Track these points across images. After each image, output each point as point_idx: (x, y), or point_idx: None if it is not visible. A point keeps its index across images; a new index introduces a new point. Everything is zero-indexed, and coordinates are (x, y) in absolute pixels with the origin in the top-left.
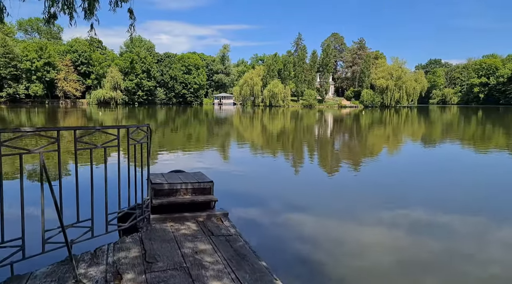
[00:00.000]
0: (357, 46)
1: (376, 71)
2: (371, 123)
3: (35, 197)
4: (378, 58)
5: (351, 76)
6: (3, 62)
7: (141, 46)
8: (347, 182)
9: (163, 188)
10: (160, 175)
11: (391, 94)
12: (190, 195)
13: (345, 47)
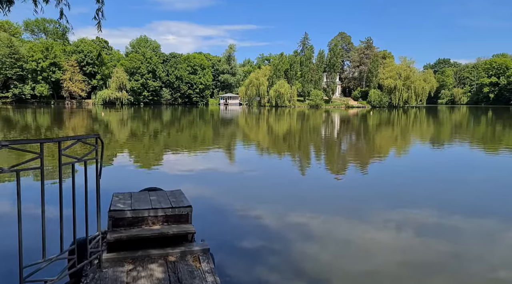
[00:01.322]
0: (365, 45)
1: (384, 70)
2: (379, 123)
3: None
4: (386, 57)
5: (359, 76)
6: (9, 63)
7: (146, 46)
8: (355, 183)
9: (125, 216)
10: (127, 196)
11: (399, 94)
12: (161, 224)
13: (352, 47)
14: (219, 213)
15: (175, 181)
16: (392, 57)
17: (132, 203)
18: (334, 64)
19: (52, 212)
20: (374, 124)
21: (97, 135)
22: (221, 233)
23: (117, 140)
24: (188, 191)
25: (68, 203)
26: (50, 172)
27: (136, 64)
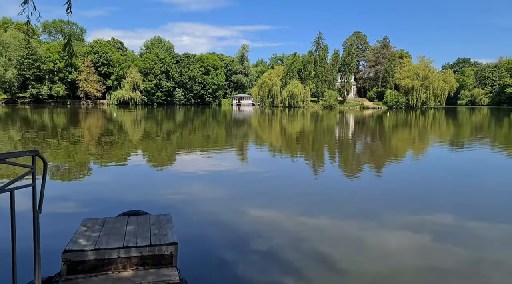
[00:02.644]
0: (381, 45)
1: (401, 70)
2: (396, 124)
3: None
4: (403, 57)
5: (374, 76)
6: (27, 63)
7: (160, 47)
8: (370, 186)
9: (86, 258)
10: (98, 225)
11: (417, 95)
12: (135, 269)
13: (368, 46)
14: (220, 235)
15: (180, 183)
16: (410, 57)
17: (99, 237)
18: (349, 63)
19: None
20: (390, 125)
21: (35, 151)
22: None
23: (130, 140)
24: (189, 202)
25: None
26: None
27: (150, 64)
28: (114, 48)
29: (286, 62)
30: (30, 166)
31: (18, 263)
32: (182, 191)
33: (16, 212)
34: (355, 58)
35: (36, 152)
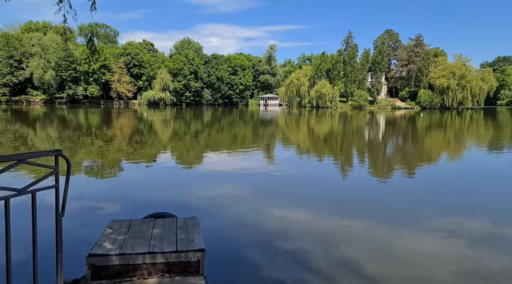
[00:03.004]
0: (414, 43)
1: (435, 69)
2: (430, 126)
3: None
4: (438, 55)
5: (407, 75)
6: (64, 65)
7: (189, 48)
8: (401, 188)
9: (110, 263)
10: (124, 228)
11: (453, 95)
12: (160, 276)
13: (400, 45)
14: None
15: (207, 183)
16: (445, 55)
17: (125, 241)
18: (380, 62)
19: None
20: (424, 127)
21: (58, 151)
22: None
23: (159, 140)
24: (216, 203)
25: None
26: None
27: (179, 65)
28: (145, 50)
29: (314, 62)
30: (53, 166)
31: (41, 268)
32: (209, 191)
33: (42, 214)
34: (387, 57)
35: (59, 152)
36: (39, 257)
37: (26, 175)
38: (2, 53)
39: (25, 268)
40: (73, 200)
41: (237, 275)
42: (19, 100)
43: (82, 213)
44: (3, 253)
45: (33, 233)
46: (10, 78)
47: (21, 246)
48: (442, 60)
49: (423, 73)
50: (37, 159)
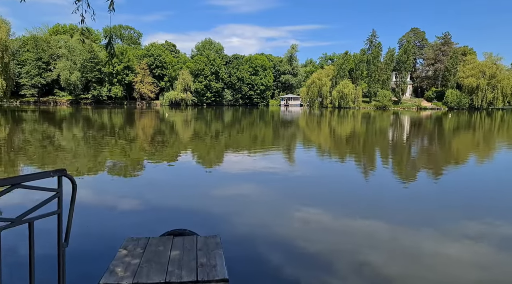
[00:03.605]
0: (441, 41)
1: (464, 68)
2: (457, 127)
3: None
4: (467, 54)
5: (433, 74)
6: (89, 67)
7: (210, 48)
8: (427, 191)
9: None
10: (139, 249)
11: (483, 95)
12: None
13: (426, 43)
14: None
15: (228, 189)
16: (474, 54)
17: (140, 266)
18: (405, 62)
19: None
20: (451, 128)
21: (62, 171)
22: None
23: (180, 140)
24: (238, 212)
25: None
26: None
27: (200, 66)
28: (167, 51)
29: (337, 62)
30: (55, 189)
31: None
32: (231, 199)
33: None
34: (412, 55)
35: (63, 172)
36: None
37: (24, 197)
38: (31, 55)
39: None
40: (86, 208)
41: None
42: (46, 101)
43: (95, 225)
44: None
45: (30, 269)
46: (38, 79)
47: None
48: (471, 59)
49: (451, 73)
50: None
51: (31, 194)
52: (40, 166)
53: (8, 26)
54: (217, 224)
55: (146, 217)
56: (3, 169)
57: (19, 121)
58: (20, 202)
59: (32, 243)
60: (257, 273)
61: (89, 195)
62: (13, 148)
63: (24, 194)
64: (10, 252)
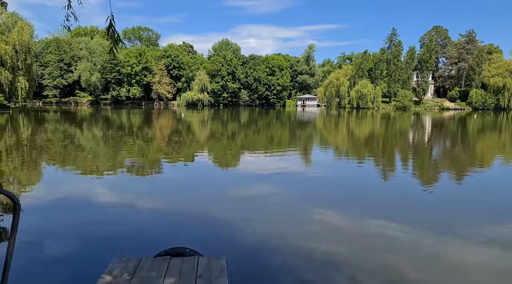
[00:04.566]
0: (465, 39)
1: (489, 67)
2: (483, 128)
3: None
4: (492, 52)
5: (456, 74)
6: (109, 68)
7: (227, 49)
8: (448, 194)
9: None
10: (126, 274)
11: (509, 95)
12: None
13: (449, 41)
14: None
15: (238, 197)
16: (500, 52)
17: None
18: (427, 61)
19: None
20: (476, 129)
21: (9, 194)
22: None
23: (196, 140)
24: (249, 229)
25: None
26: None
27: (217, 66)
28: (184, 52)
29: (355, 61)
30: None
31: None
32: (241, 210)
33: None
34: (434, 54)
35: (11, 194)
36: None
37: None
38: (53, 57)
39: None
40: (69, 216)
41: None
42: (67, 101)
43: (78, 239)
44: None
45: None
46: (60, 80)
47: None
48: (497, 57)
49: (475, 72)
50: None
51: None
52: (61, 165)
53: (32, 29)
54: (227, 233)
55: (149, 223)
56: (27, 167)
57: (42, 121)
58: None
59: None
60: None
61: (90, 194)
62: (36, 148)
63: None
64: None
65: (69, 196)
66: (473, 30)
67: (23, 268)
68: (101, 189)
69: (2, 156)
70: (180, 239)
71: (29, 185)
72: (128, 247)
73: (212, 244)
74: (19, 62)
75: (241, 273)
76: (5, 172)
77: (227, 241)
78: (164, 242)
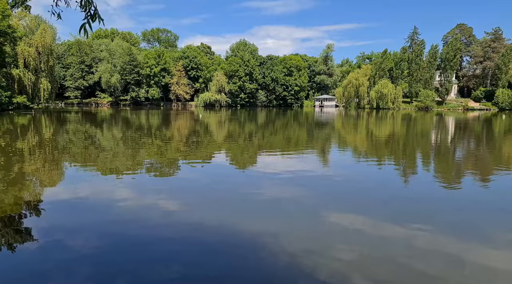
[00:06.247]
0: (491, 37)
1: None
2: (510, 129)
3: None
4: None
5: (481, 73)
6: (128, 69)
7: (245, 49)
8: (471, 197)
9: None
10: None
11: None
12: None
13: (474, 40)
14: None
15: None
16: None
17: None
18: (450, 60)
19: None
20: (503, 130)
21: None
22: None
23: (214, 141)
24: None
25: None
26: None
27: (235, 67)
28: (202, 53)
29: (375, 61)
30: None
31: None
32: (260, 204)
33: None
34: (458, 53)
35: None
36: None
37: None
38: (75, 59)
39: None
40: (90, 214)
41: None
42: (88, 102)
43: (99, 237)
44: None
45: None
46: (82, 81)
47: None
48: None
49: (502, 71)
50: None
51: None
52: (82, 164)
53: (54, 31)
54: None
55: (166, 225)
56: (49, 167)
57: (64, 122)
58: None
59: None
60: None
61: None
62: (57, 148)
63: None
64: None
65: (90, 195)
66: (499, 28)
67: (48, 262)
68: (121, 188)
69: (25, 156)
70: (203, 236)
71: (51, 184)
72: (146, 246)
73: (233, 251)
74: (42, 64)
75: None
76: (29, 172)
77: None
78: (185, 242)
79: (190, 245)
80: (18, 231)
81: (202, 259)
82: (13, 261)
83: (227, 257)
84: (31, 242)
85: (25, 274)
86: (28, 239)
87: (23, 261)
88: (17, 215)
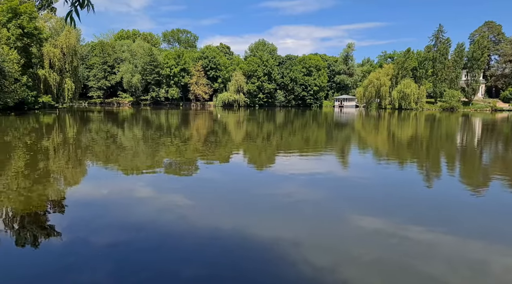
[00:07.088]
0: None
1: None
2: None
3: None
4: None
5: (510, 72)
6: (149, 69)
7: (264, 49)
8: (496, 201)
9: None
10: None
11: None
12: None
13: (503, 38)
14: None
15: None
16: None
17: None
18: (478, 59)
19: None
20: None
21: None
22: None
23: (233, 141)
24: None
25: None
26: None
27: (253, 67)
28: (221, 53)
29: (397, 60)
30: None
31: None
32: (278, 207)
33: None
34: (486, 52)
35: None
36: None
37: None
38: (98, 60)
39: None
40: (111, 211)
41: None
42: (110, 102)
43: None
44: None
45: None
46: (104, 82)
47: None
48: None
49: None
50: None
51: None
52: (104, 162)
53: (78, 33)
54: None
55: (183, 225)
56: (68, 166)
57: (86, 121)
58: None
59: None
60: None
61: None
62: (81, 146)
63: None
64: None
65: (111, 193)
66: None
67: (71, 257)
68: (141, 187)
69: (50, 154)
70: (219, 237)
71: (74, 182)
72: (164, 245)
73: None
74: (66, 64)
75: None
76: (53, 169)
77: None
78: (202, 243)
79: (207, 246)
80: (43, 227)
81: (218, 261)
82: (38, 256)
83: (244, 260)
84: (54, 238)
85: (49, 268)
86: (52, 235)
87: (47, 255)
88: (41, 212)
